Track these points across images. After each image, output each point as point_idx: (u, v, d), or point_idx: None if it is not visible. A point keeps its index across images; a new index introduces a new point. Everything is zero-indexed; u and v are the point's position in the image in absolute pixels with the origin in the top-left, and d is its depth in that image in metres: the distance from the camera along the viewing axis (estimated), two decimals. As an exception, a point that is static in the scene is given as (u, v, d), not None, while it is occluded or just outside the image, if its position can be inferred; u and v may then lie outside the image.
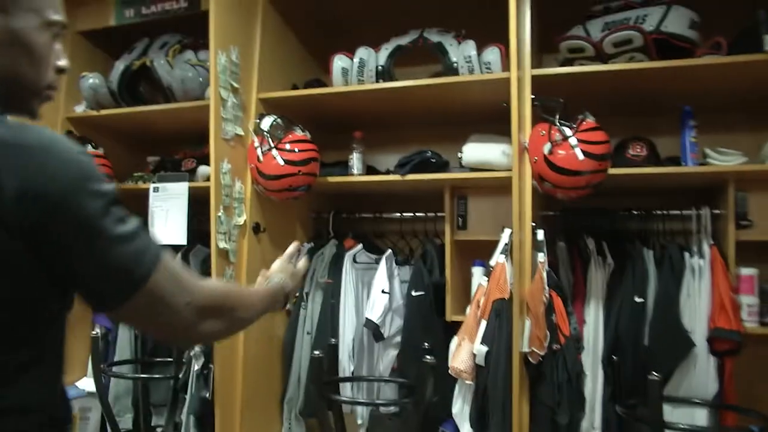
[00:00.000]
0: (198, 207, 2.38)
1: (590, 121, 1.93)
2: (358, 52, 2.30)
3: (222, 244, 2.15)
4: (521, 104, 1.96)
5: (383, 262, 2.41)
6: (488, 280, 2.00)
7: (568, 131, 1.88)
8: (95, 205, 0.80)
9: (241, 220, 2.27)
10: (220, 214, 2.15)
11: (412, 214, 2.60)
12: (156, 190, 2.51)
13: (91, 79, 2.65)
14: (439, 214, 2.50)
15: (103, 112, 2.65)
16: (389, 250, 2.47)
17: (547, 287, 1.86)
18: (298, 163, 2.23)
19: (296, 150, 2.24)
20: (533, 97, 1.97)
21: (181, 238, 2.39)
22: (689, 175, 2.12)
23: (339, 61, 2.32)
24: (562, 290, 1.95)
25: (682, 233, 2.29)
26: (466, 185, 2.41)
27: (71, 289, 0.86)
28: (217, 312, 0.97)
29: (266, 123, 2.27)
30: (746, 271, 2.15)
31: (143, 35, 2.77)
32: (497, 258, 2.01)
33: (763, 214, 2.15)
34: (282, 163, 2.20)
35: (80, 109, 2.72)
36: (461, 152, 2.30)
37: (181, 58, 2.56)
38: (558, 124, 1.90)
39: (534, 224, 1.93)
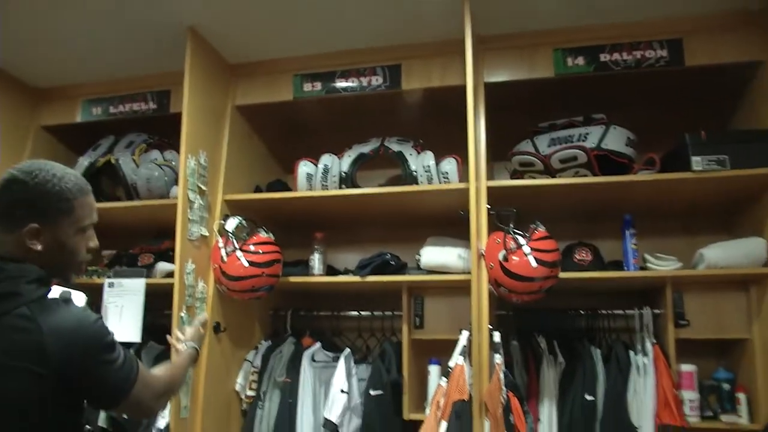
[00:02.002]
0: (154, 302, 2.37)
1: (541, 230, 2.08)
2: (323, 159, 2.43)
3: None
4: (478, 213, 2.10)
5: (342, 361, 2.43)
6: (447, 381, 2.05)
7: (521, 240, 2.02)
8: (103, 354, 1.23)
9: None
10: (182, 313, 2.16)
11: (370, 313, 2.66)
12: (111, 285, 2.49)
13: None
14: (396, 313, 2.57)
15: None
16: (347, 349, 2.50)
17: (504, 388, 1.94)
18: (262, 264, 2.28)
19: (260, 252, 2.30)
20: (489, 207, 2.12)
21: (135, 335, 2.36)
22: (631, 278, 2.29)
23: (304, 167, 2.43)
24: (518, 390, 2.02)
25: (626, 331, 2.44)
26: (423, 286, 2.50)
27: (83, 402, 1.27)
28: (167, 391, 1.46)
29: (231, 224, 2.33)
30: (686, 368, 2.30)
31: (108, 132, 2.84)
32: (456, 359, 2.08)
33: (699, 315, 2.33)
34: (246, 264, 2.25)
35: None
36: (419, 255, 2.41)
37: (146, 158, 2.62)
38: (512, 232, 2.04)
39: (491, 327, 2.03)
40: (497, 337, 2.03)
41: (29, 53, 2.55)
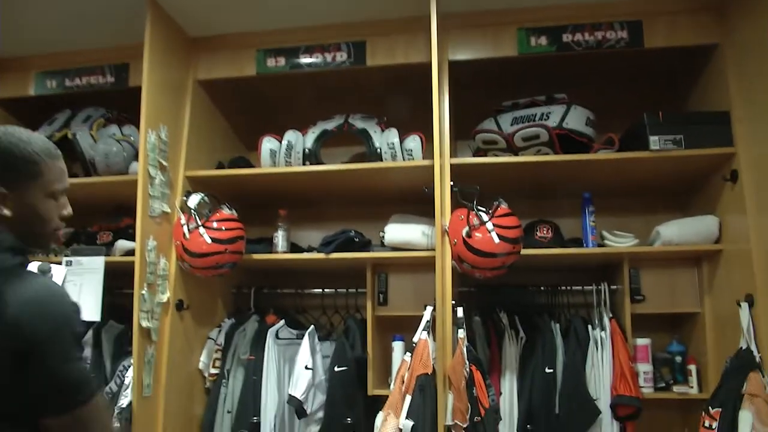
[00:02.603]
0: (114, 281, 2.33)
1: (504, 207, 2.11)
2: (287, 135, 2.41)
3: (145, 323, 2.11)
4: (442, 190, 2.11)
5: (306, 338, 2.44)
6: (411, 356, 2.08)
7: (484, 216, 2.05)
8: (72, 344, 1.11)
9: (164, 298, 2.25)
10: (143, 291, 2.13)
11: (333, 290, 2.67)
12: (69, 263, 2.43)
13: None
14: (360, 290, 2.58)
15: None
16: (312, 326, 2.51)
17: (467, 362, 1.97)
18: (225, 241, 2.26)
19: (223, 228, 2.27)
20: (452, 184, 2.14)
21: (94, 314, 2.31)
22: (590, 255, 2.35)
23: (268, 143, 2.41)
24: (480, 364, 2.06)
25: (585, 306, 2.51)
26: (387, 263, 2.52)
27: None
28: None
29: (193, 201, 2.30)
30: (641, 341, 2.38)
31: (65, 106, 2.75)
32: (420, 335, 2.11)
33: (653, 290, 2.41)
34: (209, 241, 2.23)
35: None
36: (383, 232, 2.42)
37: (105, 132, 2.56)
38: (475, 209, 2.06)
39: (454, 302, 2.06)
40: (460, 312, 2.06)
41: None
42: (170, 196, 2.33)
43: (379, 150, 2.37)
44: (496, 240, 2.02)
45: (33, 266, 2.26)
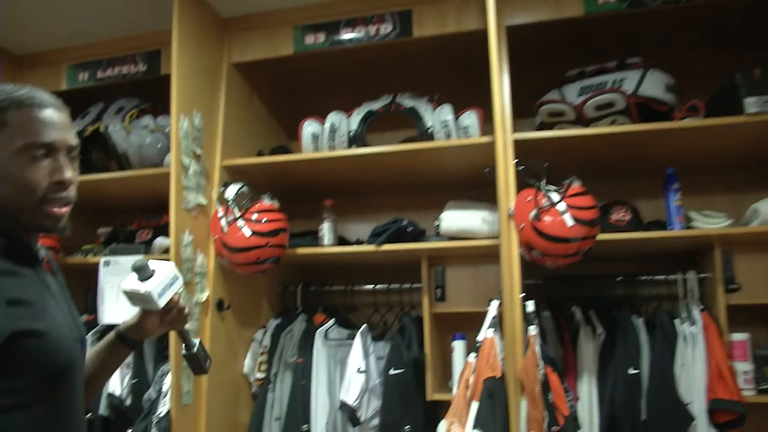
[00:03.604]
0: (155, 282, 2.17)
1: (577, 185, 1.85)
2: (329, 117, 2.20)
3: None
4: (506, 169, 1.87)
5: (358, 339, 2.23)
6: (476, 357, 1.84)
7: (555, 196, 1.80)
8: None
9: (203, 297, 2.07)
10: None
11: (386, 286, 2.45)
12: (107, 264, 2.30)
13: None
14: (415, 285, 2.36)
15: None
16: (364, 325, 2.30)
17: (541, 363, 1.72)
18: (267, 234, 2.07)
19: (264, 220, 2.08)
20: (516, 162, 1.89)
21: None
22: (675, 239, 2.06)
23: (309, 127, 2.21)
24: (556, 365, 1.81)
25: (669, 298, 2.22)
26: (444, 254, 2.28)
27: None
28: None
29: (231, 192, 2.12)
30: (738, 337, 2.06)
31: (98, 99, 2.63)
32: (485, 332, 1.87)
33: (750, 277, 2.09)
34: (249, 234, 2.04)
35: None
36: (439, 220, 2.19)
37: (138, 124, 2.41)
38: (544, 189, 1.81)
39: (523, 295, 1.81)
40: (531, 306, 1.81)
41: (8, 17, 2.33)
42: (206, 188, 2.16)
43: (431, 130, 2.13)
44: (570, 223, 1.76)
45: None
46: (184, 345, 1.34)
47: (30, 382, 0.96)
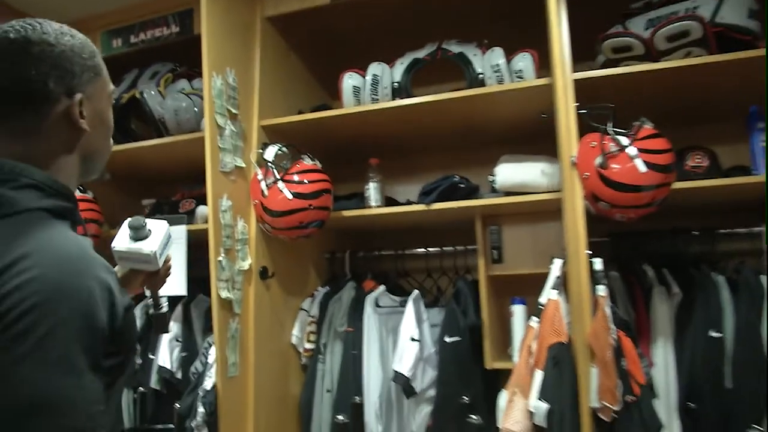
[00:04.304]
0: (198, 252, 2.08)
1: (649, 127, 1.64)
2: (371, 69, 2.05)
3: (224, 294, 1.85)
4: (567, 113, 1.68)
5: (410, 305, 2.10)
6: (539, 321, 1.68)
7: (624, 140, 1.60)
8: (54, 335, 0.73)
9: (245, 265, 1.98)
10: (221, 258, 1.87)
11: (439, 249, 2.30)
12: None
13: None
14: (470, 247, 2.20)
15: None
16: (416, 291, 2.17)
17: (613, 327, 1.55)
18: (309, 195, 1.95)
19: (306, 181, 1.96)
20: (578, 105, 1.69)
21: (180, 288, 2.09)
22: (760, 185, 1.82)
23: (349, 80, 2.06)
24: (629, 328, 1.63)
25: (752, 254, 1.99)
26: (499, 212, 2.11)
27: None
28: None
29: (270, 153, 2.01)
30: (833, 295, 1.83)
31: (133, 66, 2.54)
32: (548, 294, 1.70)
33: None
34: (290, 196, 1.92)
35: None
36: (493, 175, 2.02)
37: (173, 88, 2.31)
38: (611, 132, 1.61)
39: (590, 252, 1.63)
40: (599, 264, 1.63)
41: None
42: (244, 149, 2.05)
43: (481, 76, 1.95)
44: (642, 168, 1.56)
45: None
46: (153, 304, 1.25)
47: (121, 359, 0.85)
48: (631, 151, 1.57)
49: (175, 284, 2.10)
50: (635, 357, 1.56)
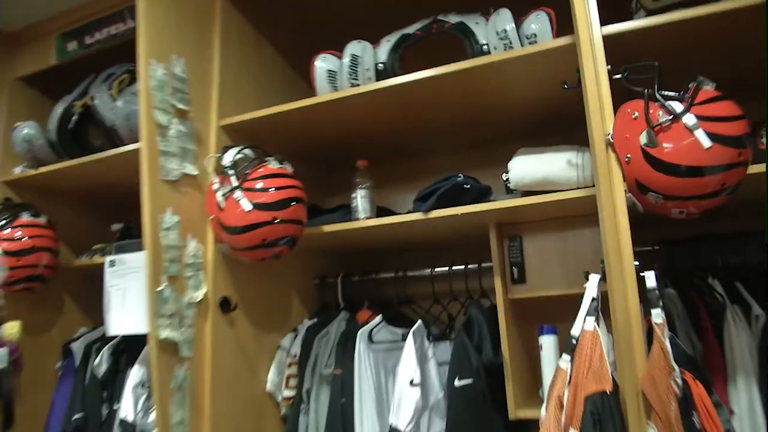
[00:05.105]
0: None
1: (709, 88, 1.20)
2: (349, 48, 1.66)
3: (165, 333, 1.46)
4: (597, 79, 1.25)
5: (410, 340, 1.68)
6: (572, 361, 1.23)
7: (677, 106, 1.16)
8: None
9: (199, 295, 1.59)
10: (161, 288, 1.48)
11: (447, 269, 1.88)
12: (112, 264, 1.87)
13: (25, 130, 2.09)
14: (484, 264, 1.78)
15: (42, 169, 2.07)
16: (419, 322, 1.75)
17: (676, 366, 1.09)
18: (273, 206, 1.55)
19: (270, 189, 1.57)
20: (610, 68, 1.26)
21: (141, 325, 1.71)
22: None
23: (322, 63, 1.67)
24: (699, 368, 1.17)
25: None
26: (518, 219, 1.68)
27: None
28: None
29: (228, 156, 1.63)
30: None
31: (96, 71, 2.22)
32: (583, 323, 1.25)
33: None
34: (249, 207, 1.53)
35: (19, 170, 2.15)
36: (507, 170, 1.60)
37: (128, 91, 1.97)
38: (660, 97, 1.18)
39: (638, 263, 1.18)
40: (652, 279, 1.17)
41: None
42: (198, 154, 1.67)
43: (485, 47, 1.54)
44: (706, 143, 1.12)
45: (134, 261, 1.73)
46: None
47: None
48: (689, 120, 1.13)
49: (136, 320, 1.73)
50: (710, 408, 1.10)
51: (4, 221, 2.02)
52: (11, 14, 2.19)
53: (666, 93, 1.18)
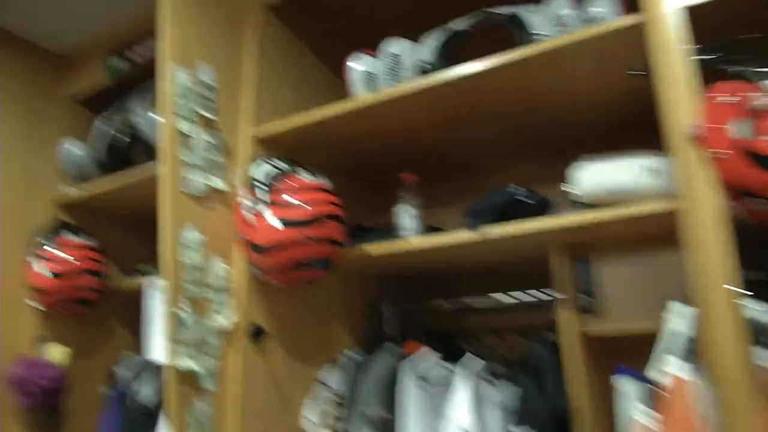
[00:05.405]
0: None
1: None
2: (387, 47, 1.49)
3: (184, 363, 1.32)
4: (673, 60, 1.01)
5: (462, 380, 1.46)
6: (656, 417, 0.97)
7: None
8: None
9: (225, 322, 1.44)
10: (180, 310, 1.34)
11: (507, 297, 1.64)
12: (150, 285, 1.77)
13: (71, 148, 2.06)
14: (548, 292, 1.53)
15: (88, 188, 2.03)
16: (473, 358, 1.52)
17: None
18: (304, 223, 1.38)
19: (302, 204, 1.40)
20: (696, 46, 1.02)
21: (163, 354, 1.59)
22: None
23: (358, 64, 1.51)
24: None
25: None
26: (588, 236, 1.43)
27: None
28: None
29: (258, 169, 1.48)
30: None
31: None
32: (671, 367, 0.99)
33: None
34: (279, 225, 1.37)
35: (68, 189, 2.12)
36: (571, 179, 1.36)
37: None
38: (759, 77, 0.93)
39: (740, 290, 0.92)
40: (761, 311, 0.91)
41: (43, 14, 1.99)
42: (226, 167, 1.54)
43: (541, 37, 1.33)
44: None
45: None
46: None
47: None
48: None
49: (157, 349, 1.62)
50: None
51: (50, 242, 1.98)
52: (62, 37, 2.19)
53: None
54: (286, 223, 1.38)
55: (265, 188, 1.44)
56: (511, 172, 1.72)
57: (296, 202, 1.40)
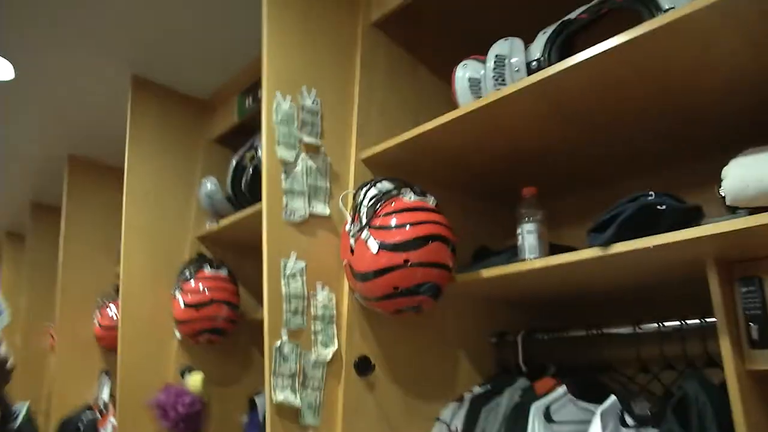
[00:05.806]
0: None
1: None
2: (493, 49, 1.35)
3: (282, 396, 1.26)
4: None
5: (597, 421, 1.24)
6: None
7: None
8: None
9: (328, 354, 1.36)
10: (281, 343, 1.29)
11: (656, 326, 1.38)
12: None
13: (207, 185, 2.16)
14: (707, 320, 1.26)
15: (222, 222, 2.11)
16: (612, 398, 1.29)
17: None
18: (405, 246, 1.28)
19: (402, 226, 1.30)
20: None
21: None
22: None
23: (463, 71, 1.39)
24: None
25: None
26: (753, 252, 1.15)
27: None
28: None
29: (363, 192, 1.41)
30: None
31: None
32: None
33: None
34: (375, 249, 1.28)
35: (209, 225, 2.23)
36: (723, 178, 1.11)
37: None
38: None
39: None
40: None
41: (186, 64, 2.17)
42: (332, 192, 1.49)
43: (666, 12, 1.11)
44: None
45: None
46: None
47: None
48: None
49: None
50: None
51: (188, 274, 2.08)
52: (202, 83, 2.34)
53: None
54: (384, 247, 1.29)
55: (368, 211, 1.36)
56: (651, 184, 1.48)
57: (394, 224, 1.31)
